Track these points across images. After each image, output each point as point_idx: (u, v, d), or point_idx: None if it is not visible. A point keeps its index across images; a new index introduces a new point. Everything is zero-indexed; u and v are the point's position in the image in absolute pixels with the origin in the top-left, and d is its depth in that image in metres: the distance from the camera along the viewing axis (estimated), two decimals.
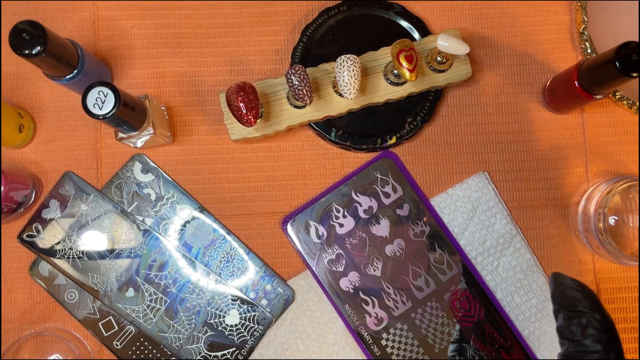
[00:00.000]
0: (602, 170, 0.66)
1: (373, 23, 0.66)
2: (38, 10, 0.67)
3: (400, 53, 0.58)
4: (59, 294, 0.63)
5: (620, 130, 0.67)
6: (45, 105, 0.66)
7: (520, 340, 0.63)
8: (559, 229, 0.66)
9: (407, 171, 0.66)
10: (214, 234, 0.64)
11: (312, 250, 0.64)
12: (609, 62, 0.54)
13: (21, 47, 0.51)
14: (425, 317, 0.63)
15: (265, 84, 0.62)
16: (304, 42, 0.65)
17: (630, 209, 0.61)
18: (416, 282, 0.63)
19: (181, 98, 0.67)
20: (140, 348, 0.63)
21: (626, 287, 0.65)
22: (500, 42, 0.68)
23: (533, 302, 0.64)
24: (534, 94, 0.67)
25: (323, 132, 0.65)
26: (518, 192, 0.66)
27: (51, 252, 0.63)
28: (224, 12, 0.67)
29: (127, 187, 0.64)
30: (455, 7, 0.68)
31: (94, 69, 0.61)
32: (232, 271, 0.64)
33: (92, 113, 0.52)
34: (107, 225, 0.63)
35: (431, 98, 0.65)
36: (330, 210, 0.64)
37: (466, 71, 0.63)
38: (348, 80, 0.58)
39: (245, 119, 0.57)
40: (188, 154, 0.66)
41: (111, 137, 0.66)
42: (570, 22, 0.68)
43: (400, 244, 0.64)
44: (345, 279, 0.63)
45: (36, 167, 0.66)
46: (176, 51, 0.67)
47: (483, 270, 0.64)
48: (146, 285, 0.63)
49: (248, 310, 0.63)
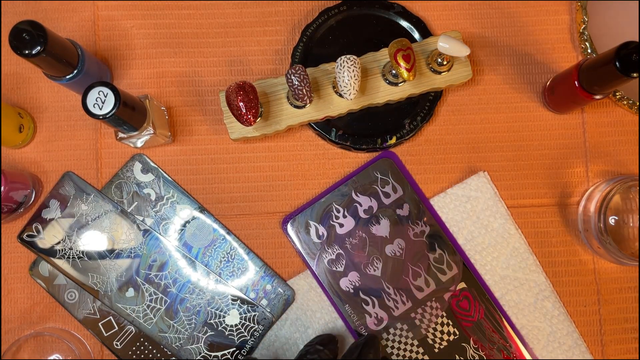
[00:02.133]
0: (602, 170, 0.66)
1: (373, 23, 0.66)
2: (38, 10, 0.67)
3: (398, 52, 0.58)
4: (59, 294, 0.63)
5: (620, 130, 0.67)
6: (45, 105, 0.66)
7: (520, 340, 0.63)
8: (559, 229, 0.66)
9: (407, 171, 0.66)
10: (214, 234, 0.64)
11: (312, 251, 0.64)
12: (609, 62, 0.54)
13: (21, 47, 0.52)
14: (425, 317, 0.63)
15: (265, 83, 0.62)
16: (304, 42, 0.65)
17: (630, 209, 0.61)
18: (416, 282, 0.63)
19: (181, 98, 0.67)
20: (140, 348, 0.63)
21: (626, 287, 0.65)
22: (500, 42, 0.68)
23: (531, 301, 0.64)
24: (534, 94, 0.67)
25: (323, 132, 0.65)
26: (518, 192, 0.66)
27: (51, 252, 0.63)
28: (224, 12, 0.67)
29: (127, 187, 0.64)
30: (455, 7, 0.68)
31: (94, 69, 0.61)
32: (232, 271, 0.64)
33: (92, 113, 0.52)
34: (107, 225, 0.63)
35: (431, 98, 0.65)
36: (331, 210, 0.64)
37: (466, 73, 0.63)
38: (348, 80, 0.58)
39: (245, 118, 0.57)
40: (188, 154, 0.66)
41: (111, 137, 0.66)
42: (570, 22, 0.68)
43: (400, 244, 0.64)
44: (345, 279, 0.63)
45: (36, 167, 0.66)
46: (176, 51, 0.67)
47: (482, 270, 0.64)
48: (146, 285, 0.63)
49: (248, 310, 0.63)
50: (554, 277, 0.65)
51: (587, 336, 0.64)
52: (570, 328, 0.63)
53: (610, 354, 0.64)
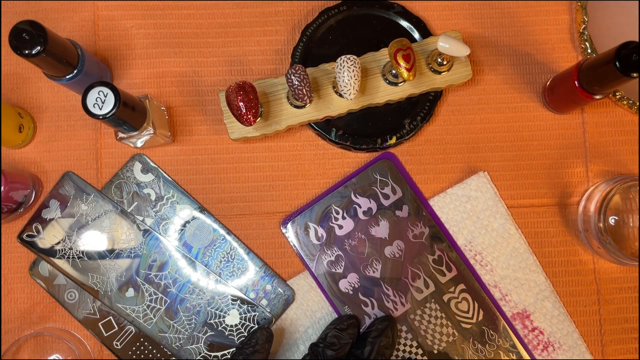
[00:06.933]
0: (602, 170, 0.66)
1: (373, 23, 0.66)
2: (38, 10, 0.67)
3: (398, 52, 0.58)
4: (59, 294, 0.63)
5: (620, 130, 0.67)
6: (45, 105, 0.66)
7: (520, 341, 0.63)
8: (559, 229, 0.66)
9: (406, 172, 0.66)
10: (214, 234, 0.64)
11: (311, 252, 0.64)
12: (609, 62, 0.54)
13: (21, 47, 0.52)
14: (425, 319, 0.63)
15: (265, 83, 0.62)
16: (304, 42, 0.65)
17: (630, 209, 0.61)
18: (415, 283, 0.63)
19: (181, 98, 0.67)
20: (140, 348, 0.63)
21: (626, 287, 0.65)
22: (500, 42, 0.68)
23: (531, 301, 0.64)
24: (533, 93, 0.67)
25: (323, 132, 0.65)
26: (518, 192, 0.66)
27: (51, 252, 0.63)
28: (224, 12, 0.67)
29: (127, 187, 0.64)
30: (455, 7, 0.68)
31: (94, 69, 0.61)
32: (232, 271, 0.64)
33: (92, 113, 0.52)
34: (107, 225, 0.63)
35: (431, 98, 0.65)
36: (330, 212, 0.64)
37: (466, 73, 0.63)
38: (348, 80, 0.57)
39: (245, 118, 0.57)
40: (188, 154, 0.66)
41: (111, 137, 0.66)
42: (570, 22, 0.68)
43: (400, 245, 0.64)
44: (344, 280, 0.63)
45: (36, 167, 0.66)
46: (176, 51, 0.67)
47: (482, 271, 0.64)
48: (146, 285, 0.63)
49: (248, 310, 0.63)
50: (554, 277, 0.65)
51: (587, 336, 0.64)
52: (570, 328, 0.64)
53: (610, 354, 0.64)
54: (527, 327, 0.64)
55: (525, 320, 0.64)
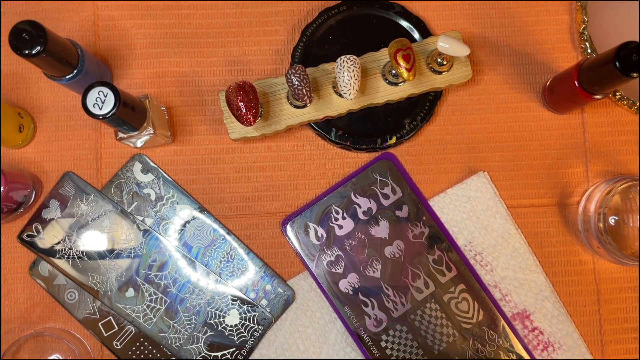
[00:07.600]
0: (602, 170, 0.66)
1: (373, 23, 0.66)
2: (38, 10, 0.67)
3: (398, 52, 0.58)
4: (59, 294, 0.63)
5: (620, 130, 0.67)
6: (45, 105, 0.66)
7: (520, 341, 0.63)
8: (559, 229, 0.66)
9: (406, 172, 0.66)
10: (214, 234, 0.64)
11: (311, 252, 0.64)
12: (609, 62, 0.54)
13: (21, 47, 0.52)
14: (425, 319, 0.63)
15: (265, 83, 0.62)
16: (304, 42, 0.65)
17: (630, 209, 0.61)
18: (415, 283, 0.63)
19: (181, 98, 0.67)
20: (140, 348, 0.63)
21: (626, 287, 0.65)
22: (500, 42, 0.68)
23: (531, 301, 0.64)
24: (533, 94, 0.67)
25: (323, 132, 0.65)
26: (518, 192, 0.66)
27: (51, 252, 0.63)
28: (224, 12, 0.67)
29: (127, 187, 0.64)
30: (455, 7, 0.68)
31: (94, 69, 0.61)
32: (232, 271, 0.64)
33: (92, 113, 0.52)
34: (107, 225, 0.63)
35: (431, 98, 0.65)
36: (330, 212, 0.64)
37: (466, 73, 0.63)
38: (348, 80, 0.58)
39: (245, 118, 0.57)
40: (188, 154, 0.66)
41: (111, 137, 0.66)
42: (570, 22, 0.68)
43: (400, 245, 0.64)
44: (344, 280, 0.63)
45: (36, 167, 0.66)
46: (176, 51, 0.67)
47: (482, 271, 0.64)
48: (146, 285, 0.63)
49: (248, 311, 0.63)
50: (554, 277, 0.65)
51: (587, 336, 0.64)
52: (570, 328, 0.64)
53: (610, 354, 0.64)
54: (527, 327, 0.64)
55: (525, 321, 0.64)
